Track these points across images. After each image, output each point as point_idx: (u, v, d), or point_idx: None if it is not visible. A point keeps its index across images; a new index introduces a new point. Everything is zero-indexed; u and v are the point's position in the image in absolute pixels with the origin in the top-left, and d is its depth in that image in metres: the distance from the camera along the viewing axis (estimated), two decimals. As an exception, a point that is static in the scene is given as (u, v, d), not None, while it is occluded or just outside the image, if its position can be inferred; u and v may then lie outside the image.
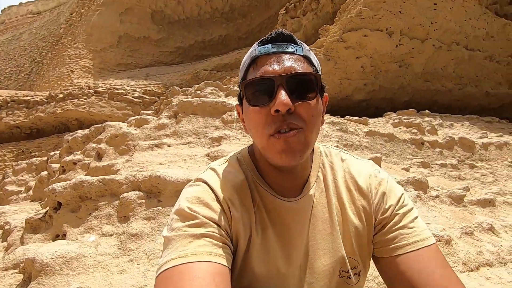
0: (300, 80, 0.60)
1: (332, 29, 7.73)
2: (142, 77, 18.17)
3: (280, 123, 0.58)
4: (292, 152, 0.59)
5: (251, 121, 0.63)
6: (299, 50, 0.63)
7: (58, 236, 2.25)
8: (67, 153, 4.11)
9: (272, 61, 0.61)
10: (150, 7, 20.32)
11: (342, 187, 0.73)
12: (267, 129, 0.59)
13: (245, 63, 0.67)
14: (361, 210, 0.70)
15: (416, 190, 3.11)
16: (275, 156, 0.60)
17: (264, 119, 0.60)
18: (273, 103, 0.58)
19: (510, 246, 2.49)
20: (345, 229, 0.70)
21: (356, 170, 0.75)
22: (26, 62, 28.63)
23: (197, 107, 3.51)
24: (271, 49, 0.62)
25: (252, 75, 0.63)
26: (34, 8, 35.43)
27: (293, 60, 0.62)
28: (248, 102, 0.62)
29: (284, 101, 0.57)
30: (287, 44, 0.63)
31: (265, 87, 0.60)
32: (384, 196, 0.71)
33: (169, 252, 0.56)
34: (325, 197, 0.71)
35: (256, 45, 0.65)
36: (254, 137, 0.65)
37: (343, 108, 8.23)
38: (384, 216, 0.69)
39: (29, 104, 14.92)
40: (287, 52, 0.62)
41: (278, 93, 0.58)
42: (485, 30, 7.85)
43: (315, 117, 0.61)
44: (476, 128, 6.73)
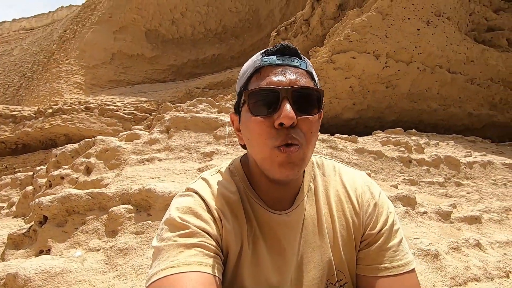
0: (304, 94, 0.60)
1: (321, 51, 8.03)
2: (134, 94, 18.20)
3: (285, 136, 0.58)
4: (292, 166, 0.59)
5: (252, 131, 0.61)
6: (303, 65, 0.64)
7: (42, 252, 2.18)
8: (55, 167, 4.03)
9: (277, 73, 0.61)
10: (145, 26, 20.72)
11: (333, 199, 0.72)
12: (271, 141, 0.59)
13: (246, 71, 0.65)
14: (350, 222, 0.70)
15: (404, 206, 3.16)
16: (274, 169, 0.60)
17: (267, 130, 0.59)
18: (277, 116, 0.58)
19: (497, 262, 2.53)
20: (334, 241, 0.69)
21: (348, 181, 0.74)
22: (16, 77, 28.36)
23: (189, 122, 3.54)
24: (277, 60, 0.62)
25: (255, 85, 0.62)
26: (27, 24, 35.60)
27: (298, 74, 0.62)
28: (250, 111, 0.61)
29: (289, 115, 0.56)
30: (292, 58, 0.63)
31: (270, 98, 0.59)
32: (375, 212, 0.70)
33: (159, 262, 0.55)
34: (316, 209, 0.71)
35: (260, 55, 0.64)
36: (253, 147, 0.63)
37: (332, 126, 8.40)
38: (372, 232, 0.69)
39: (16, 119, 14.65)
40: (292, 65, 0.62)
41: (283, 105, 0.57)
42: (465, 55, 8.29)
43: (313, 134, 0.62)
44: (461, 147, 6.95)
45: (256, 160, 0.64)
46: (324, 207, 0.72)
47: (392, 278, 0.64)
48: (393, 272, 0.65)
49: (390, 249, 0.67)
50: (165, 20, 20.88)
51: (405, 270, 0.65)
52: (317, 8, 10.35)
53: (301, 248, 0.68)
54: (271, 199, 0.69)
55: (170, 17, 20.87)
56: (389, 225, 0.69)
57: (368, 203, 0.71)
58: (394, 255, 0.66)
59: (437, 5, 7.64)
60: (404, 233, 0.70)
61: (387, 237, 0.68)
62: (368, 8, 7.74)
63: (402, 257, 0.66)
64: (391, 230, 0.69)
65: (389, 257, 0.66)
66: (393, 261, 0.66)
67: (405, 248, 0.68)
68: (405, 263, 0.66)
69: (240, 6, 20.73)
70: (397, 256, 0.66)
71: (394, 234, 0.69)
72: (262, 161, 0.62)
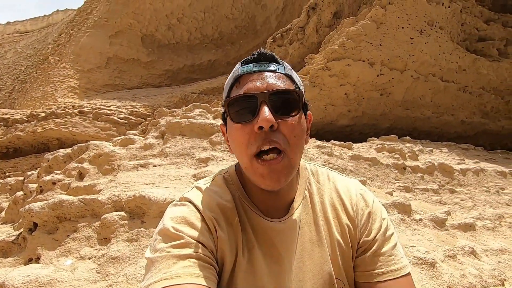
0: (282, 97, 0.60)
1: (317, 58, 8.10)
2: (129, 98, 18.10)
3: (262, 140, 0.58)
4: (277, 176, 0.59)
5: (234, 139, 0.62)
6: (281, 69, 0.64)
7: (31, 260, 2.11)
8: (46, 172, 3.96)
9: (254, 79, 0.61)
10: (141, 31, 20.74)
11: (328, 206, 0.72)
12: (250, 148, 0.59)
13: (228, 82, 0.67)
14: (346, 230, 0.70)
15: (400, 213, 3.16)
16: (258, 180, 0.60)
17: (247, 137, 0.59)
18: (256, 120, 0.58)
19: (492, 270, 2.54)
20: (332, 249, 0.69)
21: (342, 189, 0.74)
22: (9, 80, 28.04)
23: (185, 127, 3.51)
24: (254, 68, 0.63)
25: (235, 93, 0.63)
26: (22, 28, 35.36)
27: (275, 78, 0.62)
28: (231, 119, 0.62)
29: (267, 117, 0.56)
30: (269, 63, 0.64)
31: (248, 105, 0.59)
32: (370, 218, 0.71)
33: (152, 274, 0.54)
34: (312, 216, 0.70)
35: (239, 65, 0.65)
36: (237, 157, 0.64)
37: (328, 133, 8.44)
38: (368, 238, 0.69)
39: (8, 122, 14.44)
40: (269, 70, 0.63)
41: (261, 109, 0.58)
42: (458, 64, 8.45)
43: (297, 137, 0.61)
44: (454, 155, 7.02)
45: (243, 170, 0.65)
46: (320, 215, 0.71)
47: (389, 282, 0.64)
48: (390, 277, 0.65)
49: (385, 254, 0.67)
50: (162, 25, 20.93)
51: (401, 274, 0.65)
52: (313, 16, 10.49)
53: (298, 255, 0.67)
54: (266, 207, 0.68)
55: (166, 22, 20.93)
56: (383, 231, 0.70)
57: (363, 211, 0.72)
58: (389, 260, 0.66)
59: (430, 15, 7.80)
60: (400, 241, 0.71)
61: (382, 242, 0.68)
62: (363, 16, 7.87)
63: (398, 261, 0.67)
64: (385, 236, 0.69)
65: (385, 262, 0.66)
66: (388, 265, 0.66)
67: (400, 253, 0.69)
68: (400, 267, 0.66)
69: (236, 13, 20.90)
70: (393, 260, 0.66)
71: (388, 240, 0.69)
72: (247, 171, 0.62)
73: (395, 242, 0.69)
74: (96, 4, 21.25)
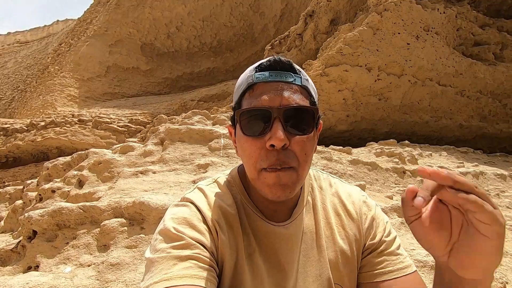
0: (297, 113, 0.59)
1: (315, 64, 8.18)
2: (129, 106, 18.18)
3: (274, 159, 0.57)
4: (283, 188, 0.58)
5: (244, 150, 0.61)
6: (298, 80, 0.62)
7: (30, 268, 2.10)
8: (46, 180, 3.95)
9: (269, 91, 0.59)
10: (140, 40, 20.94)
11: (331, 212, 0.72)
12: (259, 164, 0.58)
13: (240, 87, 0.64)
14: (350, 235, 0.70)
15: (400, 217, 3.16)
16: (265, 190, 0.59)
17: (257, 152, 0.58)
18: (268, 137, 0.57)
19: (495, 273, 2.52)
20: (334, 254, 0.69)
21: (345, 194, 0.75)
22: (9, 89, 28.18)
23: (184, 134, 3.53)
24: (269, 77, 0.60)
25: (247, 102, 0.61)
26: (22, 38, 35.69)
27: (291, 91, 0.60)
28: (242, 130, 0.60)
29: (280, 137, 0.55)
30: (286, 73, 0.61)
31: (261, 118, 0.58)
32: (374, 222, 0.71)
33: (152, 275, 0.54)
34: (314, 221, 0.70)
35: (253, 70, 0.63)
36: (245, 165, 0.63)
37: (327, 138, 8.47)
38: (373, 241, 0.69)
39: (8, 131, 14.46)
40: (285, 82, 0.60)
41: (275, 126, 0.56)
42: (454, 68, 8.52)
43: (307, 154, 0.60)
44: (453, 158, 7.03)
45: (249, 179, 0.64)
46: (323, 221, 0.71)
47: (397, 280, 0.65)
48: (398, 275, 0.65)
49: (391, 253, 0.68)
50: (161, 34, 21.15)
51: (408, 272, 0.66)
52: (310, 23, 10.62)
53: (301, 261, 0.67)
54: (269, 211, 0.68)
55: (165, 31, 21.16)
56: (387, 233, 0.71)
57: (366, 216, 0.72)
58: (396, 259, 0.67)
59: (425, 20, 7.91)
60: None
61: (387, 244, 0.69)
62: (359, 23, 7.97)
63: (404, 259, 0.67)
64: (390, 238, 0.71)
65: (392, 261, 0.67)
66: (396, 264, 0.66)
67: (404, 253, 0.70)
68: (407, 265, 0.67)
69: (235, 21, 21.15)
70: (399, 259, 0.67)
71: (392, 241, 0.70)
72: (253, 181, 0.62)
73: (399, 244, 0.71)
74: (96, 14, 21.50)
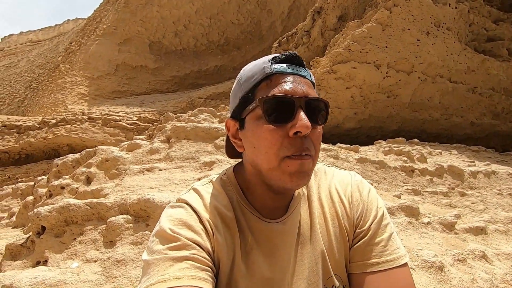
0: (315, 105, 0.60)
1: (322, 61, 8.09)
2: (137, 104, 18.37)
3: (299, 146, 0.57)
4: (303, 175, 0.59)
5: (264, 140, 0.59)
6: (309, 76, 0.64)
7: (39, 263, 2.15)
8: (56, 177, 4.03)
9: (289, 81, 0.60)
10: (149, 38, 21.10)
11: (325, 202, 0.72)
12: (282, 151, 0.57)
13: (253, 77, 0.63)
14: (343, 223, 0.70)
15: (407, 216, 3.11)
16: (285, 178, 0.59)
17: (280, 139, 0.58)
18: (292, 124, 0.57)
19: (504, 274, 2.46)
20: (329, 244, 0.69)
21: (339, 182, 0.74)
22: (22, 88, 28.83)
23: (190, 132, 3.54)
24: (287, 69, 0.61)
25: (265, 92, 0.60)
26: (34, 37, 36.40)
27: (306, 85, 0.62)
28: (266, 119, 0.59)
29: (306, 124, 0.56)
30: (300, 68, 0.63)
31: (284, 107, 0.58)
32: (364, 209, 0.70)
33: (148, 277, 0.54)
34: (310, 213, 0.71)
35: (268, 62, 0.62)
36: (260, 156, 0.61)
37: (334, 136, 8.39)
38: (362, 229, 0.68)
39: (21, 129, 14.81)
40: (301, 75, 0.62)
41: (299, 114, 0.57)
42: (466, 65, 8.32)
43: (319, 144, 0.62)
44: (464, 157, 6.88)
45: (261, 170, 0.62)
46: (317, 211, 0.71)
47: (382, 273, 0.63)
48: (383, 267, 0.63)
49: (378, 244, 0.66)
50: (169, 32, 21.26)
51: (395, 265, 0.63)
52: (318, 19, 10.51)
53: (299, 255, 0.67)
54: (266, 208, 0.68)
55: (173, 29, 21.26)
56: (377, 220, 0.68)
57: (358, 202, 0.71)
58: (384, 250, 0.65)
59: (436, 16, 7.73)
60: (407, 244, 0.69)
61: (375, 232, 0.67)
62: (368, 19, 7.84)
63: (392, 252, 0.65)
64: (380, 225, 0.68)
65: (378, 252, 0.65)
66: (382, 256, 0.64)
67: (396, 243, 0.67)
68: (395, 257, 0.64)
69: (242, 19, 21.09)
70: (387, 251, 0.65)
71: (383, 229, 0.68)
72: (270, 172, 0.60)
73: (391, 233, 0.68)
74: (105, 13, 21.75)
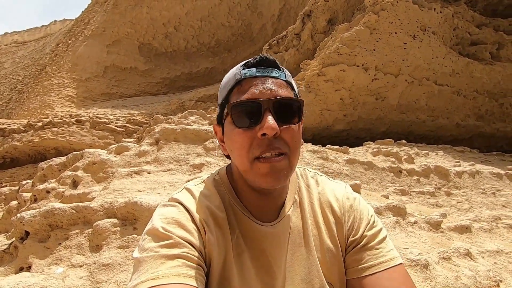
0: (285, 104, 0.61)
1: (312, 64, 8.18)
2: (127, 107, 18.13)
3: (266, 147, 0.58)
4: (277, 175, 0.59)
5: (235, 143, 0.62)
6: (282, 76, 0.65)
7: (22, 269, 2.09)
8: (41, 181, 3.94)
9: (258, 84, 0.62)
10: (138, 40, 20.89)
11: (317, 210, 0.73)
12: (251, 152, 0.59)
13: (228, 84, 0.66)
14: (335, 233, 0.71)
15: (394, 216, 3.16)
16: (259, 179, 0.60)
17: (249, 142, 0.59)
18: (259, 127, 0.58)
19: (487, 271, 2.53)
20: (322, 253, 0.69)
21: (331, 192, 0.76)
22: (6, 90, 28.08)
23: (179, 134, 3.52)
24: (257, 72, 0.63)
25: (236, 97, 0.63)
26: (19, 38, 35.54)
27: (278, 85, 0.63)
28: (233, 123, 0.62)
29: (272, 125, 0.57)
30: (272, 69, 0.64)
31: (252, 110, 0.60)
32: (355, 219, 0.72)
33: (139, 274, 0.54)
34: (302, 220, 0.71)
35: (240, 68, 0.65)
36: (236, 159, 0.64)
37: (324, 138, 8.47)
38: (355, 238, 0.70)
39: (5, 132, 14.41)
40: (272, 77, 0.63)
41: (266, 117, 0.58)
42: (451, 68, 8.54)
43: (297, 142, 0.62)
44: (450, 157, 7.05)
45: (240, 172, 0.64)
46: (310, 219, 0.72)
47: (379, 274, 0.65)
48: (379, 269, 0.65)
49: (373, 248, 0.68)
50: (159, 34, 21.10)
51: (391, 265, 0.65)
52: (308, 23, 10.62)
53: (288, 260, 0.67)
54: (257, 210, 0.68)
55: (163, 31, 21.12)
56: (369, 227, 0.71)
57: (349, 213, 0.73)
58: (378, 253, 0.67)
59: (422, 20, 7.92)
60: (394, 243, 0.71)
61: (369, 238, 0.69)
62: (356, 23, 7.97)
63: (386, 253, 0.67)
64: (373, 232, 0.70)
65: (373, 255, 0.67)
66: (377, 258, 0.66)
67: (389, 246, 0.69)
68: (390, 258, 0.66)
69: (233, 21, 21.13)
70: (381, 253, 0.67)
71: (376, 235, 0.70)
72: (246, 173, 0.62)
73: (384, 236, 0.70)
74: (94, 14, 21.44)
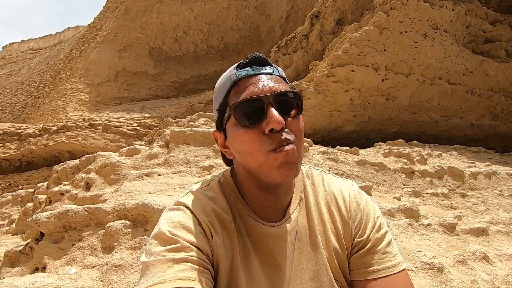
0: (286, 98, 0.62)
1: (321, 65, 8.13)
2: (137, 110, 18.43)
3: (279, 139, 0.58)
4: (291, 166, 0.59)
5: (243, 142, 0.61)
6: (276, 71, 0.66)
7: (37, 269, 2.14)
8: (55, 183, 4.04)
9: (254, 82, 0.62)
10: (148, 44, 21.24)
11: (323, 209, 0.72)
12: (265, 146, 0.59)
13: (223, 87, 0.66)
14: (341, 232, 0.70)
15: (407, 218, 3.10)
16: (273, 172, 0.59)
17: (258, 138, 0.59)
18: (266, 122, 0.59)
19: (505, 275, 2.44)
20: (328, 251, 0.69)
21: (336, 191, 0.75)
22: (22, 95, 28.98)
23: (188, 136, 3.55)
24: (251, 71, 0.63)
25: (235, 98, 0.63)
26: (35, 45, 36.67)
27: (274, 80, 0.63)
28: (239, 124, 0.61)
29: (278, 119, 0.58)
30: (265, 66, 0.65)
31: (255, 108, 0.60)
32: (362, 219, 0.71)
33: (147, 278, 0.54)
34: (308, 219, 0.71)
35: (234, 69, 0.65)
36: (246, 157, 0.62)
37: (334, 139, 8.39)
38: (361, 239, 0.69)
39: (21, 136, 14.84)
40: (266, 73, 0.64)
41: (270, 112, 0.59)
42: (464, 66, 8.34)
43: (302, 132, 0.63)
44: (464, 158, 6.87)
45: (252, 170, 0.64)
46: (316, 217, 0.71)
47: (384, 279, 0.65)
48: (384, 274, 0.65)
49: (378, 252, 0.68)
50: (168, 38, 21.40)
51: (395, 271, 0.65)
52: (316, 24, 10.58)
53: (296, 259, 0.67)
54: (263, 211, 0.68)
55: (173, 35, 21.41)
56: (376, 230, 0.70)
57: (356, 212, 0.72)
58: (383, 257, 0.67)
59: (433, 18, 7.77)
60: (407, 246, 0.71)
61: (375, 241, 0.69)
62: (365, 22, 7.89)
63: (391, 258, 0.67)
64: (379, 234, 0.70)
65: (378, 260, 0.67)
66: (382, 263, 0.66)
67: (394, 250, 0.69)
68: (394, 264, 0.66)
69: (241, 24, 21.25)
70: (386, 258, 0.67)
71: (382, 238, 0.69)
72: (259, 168, 0.61)
73: (389, 240, 0.70)
74: (105, 20, 21.93)
